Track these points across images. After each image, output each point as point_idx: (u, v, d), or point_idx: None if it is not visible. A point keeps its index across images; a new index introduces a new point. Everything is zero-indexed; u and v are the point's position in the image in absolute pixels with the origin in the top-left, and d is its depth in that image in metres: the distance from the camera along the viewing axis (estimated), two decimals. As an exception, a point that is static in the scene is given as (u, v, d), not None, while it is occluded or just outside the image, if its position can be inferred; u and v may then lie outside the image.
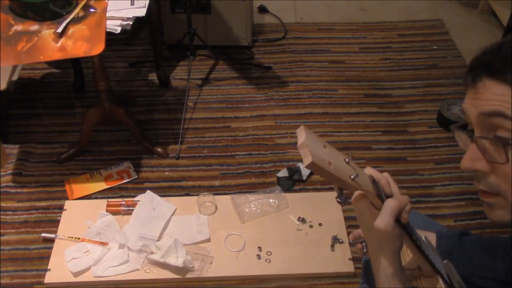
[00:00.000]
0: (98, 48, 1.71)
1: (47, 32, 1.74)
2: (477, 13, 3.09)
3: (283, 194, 2.03)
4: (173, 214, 1.96)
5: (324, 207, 1.99)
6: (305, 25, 2.99)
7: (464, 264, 1.16)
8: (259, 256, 1.83)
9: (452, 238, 1.19)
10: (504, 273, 1.09)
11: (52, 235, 1.89)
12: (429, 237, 1.23)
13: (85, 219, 1.93)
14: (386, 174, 0.90)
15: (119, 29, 1.77)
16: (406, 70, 2.69)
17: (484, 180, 0.79)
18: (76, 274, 1.76)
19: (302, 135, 0.74)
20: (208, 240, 1.88)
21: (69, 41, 1.73)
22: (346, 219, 1.95)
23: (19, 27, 1.75)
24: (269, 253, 1.84)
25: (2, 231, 1.94)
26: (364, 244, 1.32)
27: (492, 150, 0.76)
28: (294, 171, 2.12)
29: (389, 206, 0.86)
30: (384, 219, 0.86)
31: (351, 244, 1.34)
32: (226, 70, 2.69)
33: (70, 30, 1.75)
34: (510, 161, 0.74)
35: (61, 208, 1.99)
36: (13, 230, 1.95)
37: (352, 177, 0.81)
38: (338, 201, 0.91)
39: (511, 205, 0.78)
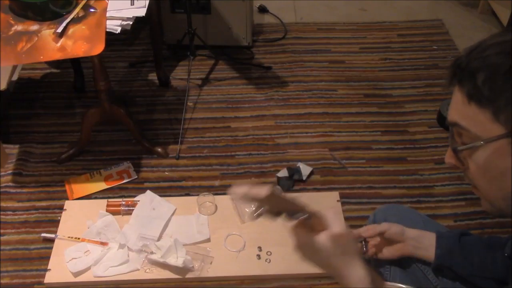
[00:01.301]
0: (98, 48, 1.71)
1: (47, 32, 1.74)
2: (477, 13, 3.09)
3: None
4: (173, 214, 1.96)
5: (324, 207, 1.98)
6: (305, 25, 2.99)
7: (464, 265, 1.16)
8: (259, 256, 1.83)
9: (452, 238, 1.19)
10: (504, 273, 1.09)
11: (52, 235, 1.89)
12: (428, 237, 1.23)
13: (85, 219, 1.93)
14: None
15: (119, 29, 1.77)
16: (406, 70, 2.69)
17: (465, 174, 0.86)
18: (76, 274, 1.76)
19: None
20: (208, 240, 1.88)
21: (69, 41, 1.73)
22: (346, 219, 1.95)
23: (19, 27, 1.75)
24: (269, 253, 1.84)
25: (2, 231, 1.94)
26: (363, 243, 1.33)
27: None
28: (294, 171, 2.12)
29: (329, 213, 0.95)
30: (336, 224, 0.90)
31: None
32: (226, 70, 2.69)
33: (70, 30, 1.75)
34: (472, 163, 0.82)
35: (61, 208, 1.99)
36: (13, 230, 1.95)
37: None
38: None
39: (486, 198, 0.85)
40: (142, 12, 1.82)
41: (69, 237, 1.87)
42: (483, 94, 0.76)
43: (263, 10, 3.08)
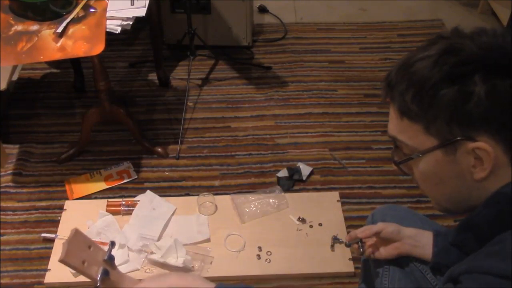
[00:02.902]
0: (98, 48, 1.71)
1: (47, 32, 1.74)
2: (477, 13, 3.09)
3: (283, 194, 2.03)
4: (173, 214, 1.96)
5: (324, 207, 1.99)
6: (305, 25, 2.99)
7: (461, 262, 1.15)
8: (259, 256, 1.83)
9: (449, 236, 1.19)
10: None
11: (52, 235, 1.89)
12: (426, 235, 1.23)
13: (85, 219, 1.93)
14: None
15: (119, 29, 1.78)
16: (406, 70, 2.68)
17: (413, 179, 0.95)
18: (76, 274, 1.76)
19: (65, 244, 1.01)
20: (208, 240, 1.88)
21: (69, 41, 1.73)
22: (346, 219, 1.95)
23: (19, 27, 1.76)
24: (269, 253, 1.84)
25: (2, 231, 1.94)
26: (360, 244, 1.33)
27: None
28: (294, 171, 2.12)
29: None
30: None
31: (347, 245, 1.38)
32: (226, 70, 2.69)
33: (70, 30, 1.75)
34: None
35: (61, 208, 1.99)
36: (13, 230, 1.95)
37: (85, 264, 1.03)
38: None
39: (432, 200, 0.94)
40: (142, 12, 1.82)
41: (69, 237, 1.87)
42: (412, 110, 0.81)
43: (263, 10, 3.08)
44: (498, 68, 0.76)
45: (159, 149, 2.22)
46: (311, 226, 1.93)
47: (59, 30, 1.73)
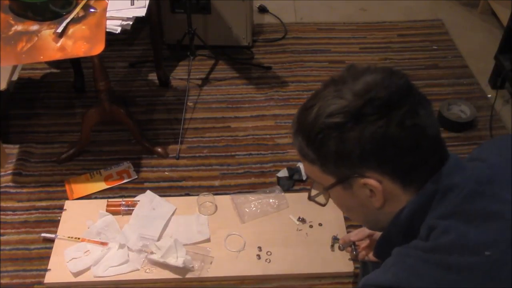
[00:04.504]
0: (98, 48, 1.71)
1: (47, 32, 1.74)
2: (477, 13, 3.09)
3: (283, 194, 2.03)
4: (173, 214, 1.96)
5: (324, 207, 1.99)
6: (305, 25, 2.99)
7: None
8: (259, 256, 1.83)
9: None
10: None
11: (52, 235, 1.89)
12: None
13: (85, 219, 1.93)
14: None
15: (119, 29, 1.78)
16: (406, 70, 2.69)
17: None
18: (76, 274, 1.76)
19: None
20: (208, 240, 1.88)
21: (69, 41, 1.73)
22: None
23: (19, 27, 1.76)
24: (269, 253, 1.84)
25: (2, 231, 1.94)
26: (353, 247, 1.35)
27: None
28: (294, 171, 2.12)
29: None
30: None
31: (341, 248, 1.41)
32: (226, 70, 2.69)
33: (70, 30, 1.75)
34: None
35: (61, 208, 1.99)
36: (13, 230, 1.95)
37: None
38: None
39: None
40: (142, 12, 1.82)
41: (69, 237, 1.87)
42: (308, 154, 0.90)
43: (263, 10, 3.08)
44: (365, 114, 0.83)
45: (159, 149, 2.22)
46: (311, 226, 1.93)
47: (59, 30, 1.73)
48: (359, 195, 0.91)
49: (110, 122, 2.24)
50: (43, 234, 1.91)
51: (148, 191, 2.03)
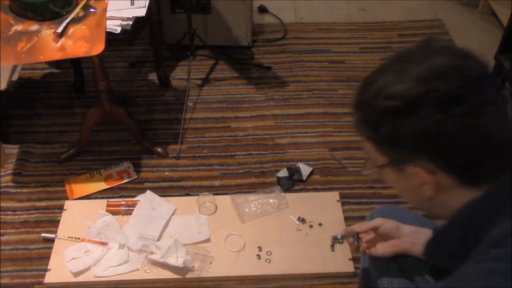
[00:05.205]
0: (98, 48, 1.71)
1: (47, 32, 1.74)
2: (477, 13, 3.09)
3: (283, 194, 2.03)
4: (173, 214, 1.96)
5: (324, 207, 1.99)
6: (305, 25, 2.99)
7: (438, 282, 1.14)
8: (259, 256, 1.83)
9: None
10: None
11: (52, 235, 1.89)
12: (425, 233, 1.20)
13: (85, 219, 1.93)
14: None
15: (119, 29, 1.78)
16: (406, 70, 2.68)
17: None
18: (76, 274, 1.77)
19: None
20: (208, 240, 1.88)
21: (69, 41, 1.73)
22: (346, 219, 1.95)
23: (19, 27, 1.76)
24: (269, 253, 1.84)
25: (2, 231, 1.94)
26: (355, 238, 1.30)
27: None
28: (294, 171, 2.12)
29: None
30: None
31: (342, 238, 1.37)
32: (226, 70, 2.69)
33: (70, 30, 1.75)
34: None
35: (61, 208, 1.99)
36: (13, 230, 1.95)
37: None
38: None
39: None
40: (142, 12, 1.82)
41: (69, 237, 1.87)
42: (365, 129, 0.88)
43: (263, 10, 3.08)
44: (423, 104, 0.78)
45: (159, 149, 2.22)
46: (311, 226, 1.93)
47: (59, 30, 1.73)
48: (411, 181, 0.87)
49: (110, 122, 2.24)
50: (43, 234, 1.91)
51: (148, 191, 2.03)
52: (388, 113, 0.82)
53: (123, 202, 1.97)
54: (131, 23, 1.80)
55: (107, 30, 1.75)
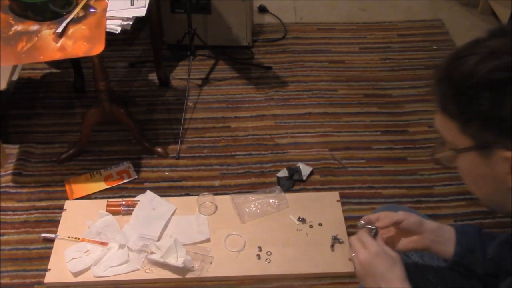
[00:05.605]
0: (98, 48, 1.71)
1: (47, 32, 1.74)
2: (477, 13, 3.09)
3: (283, 194, 2.03)
4: (173, 214, 1.96)
5: (324, 207, 1.99)
6: (305, 25, 2.99)
7: (483, 263, 1.08)
8: (259, 256, 1.83)
9: (473, 235, 1.11)
10: None
11: (52, 235, 1.89)
12: (447, 230, 1.13)
13: (85, 219, 1.93)
14: None
15: (119, 29, 1.78)
16: (406, 70, 2.69)
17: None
18: (76, 274, 1.76)
19: None
20: (208, 240, 1.88)
21: (69, 41, 1.73)
22: (346, 219, 1.95)
23: (19, 27, 1.75)
24: (269, 253, 1.84)
25: (2, 231, 1.94)
26: (374, 233, 1.19)
27: None
28: (294, 171, 2.12)
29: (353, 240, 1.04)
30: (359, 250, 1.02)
31: (359, 226, 1.19)
32: (226, 70, 2.69)
33: (70, 30, 1.75)
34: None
35: (61, 208, 1.99)
36: (13, 230, 1.95)
37: None
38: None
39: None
40: (142, 12, 1.82)
41: (69, 237, 1.87)
42: (451, 107, 0.80)
43: (263, 10, 3.08)
44: None
45: (159, 149, 2.22)
46: (311, 226, 1.93)
47: (59, 30, 1.73)
48: (496, 168, 0.79)
49: (110, 122, 2.24)
50: (43, 234, 1.91)
51: (148, 191, 2.03)
52: (490, 87, 0.74)
53: (123, 202, 1.97)
54: (131, 23, 1.80)
55: (107, 30, 1.75)
